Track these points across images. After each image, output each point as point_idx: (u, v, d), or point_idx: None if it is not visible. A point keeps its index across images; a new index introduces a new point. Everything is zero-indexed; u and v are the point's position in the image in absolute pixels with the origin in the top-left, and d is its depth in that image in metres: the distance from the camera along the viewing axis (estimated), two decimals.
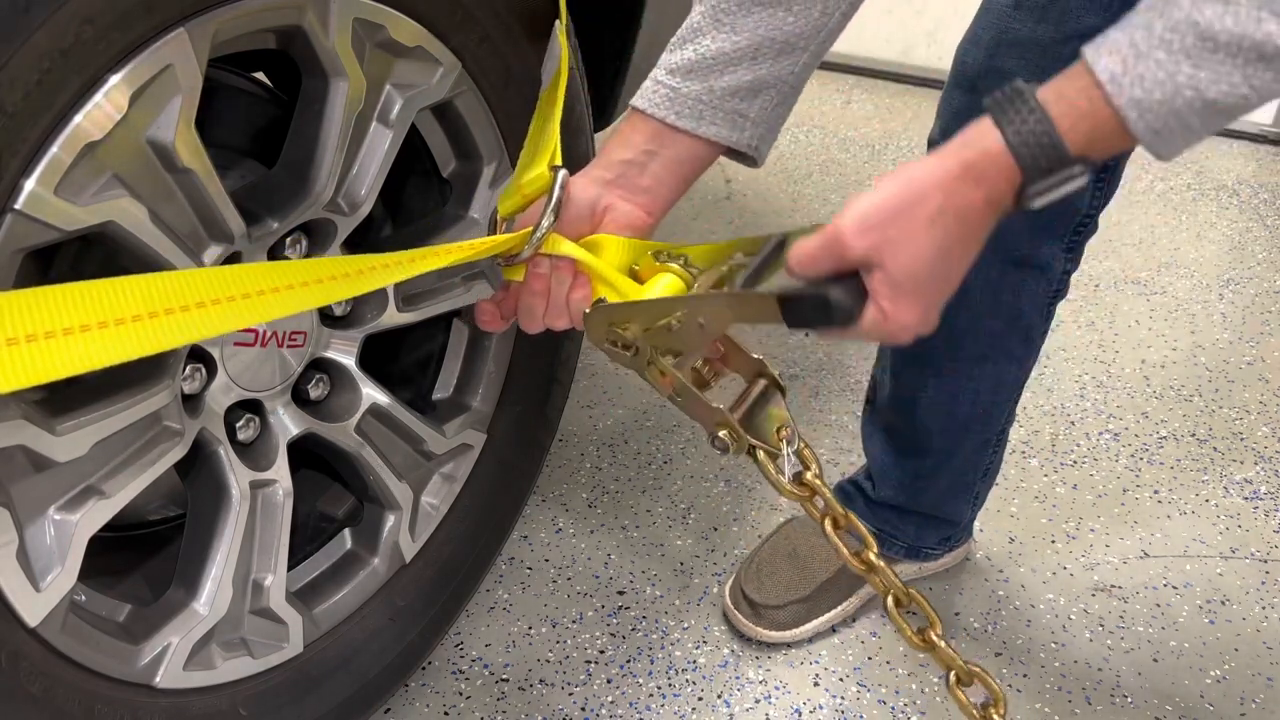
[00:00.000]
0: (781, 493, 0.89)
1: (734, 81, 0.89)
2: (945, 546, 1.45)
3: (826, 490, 0.89)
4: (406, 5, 0.91)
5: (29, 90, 0.68)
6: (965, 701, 0.91)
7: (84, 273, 0.85)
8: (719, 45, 0.88)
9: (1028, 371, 1.29)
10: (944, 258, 0.74)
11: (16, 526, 0.77)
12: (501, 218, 0.94)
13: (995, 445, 1.36)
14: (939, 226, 0.72)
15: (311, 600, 1.07)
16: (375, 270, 0.82)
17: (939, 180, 0.72)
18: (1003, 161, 0.70)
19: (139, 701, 0.90)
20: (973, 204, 0.72)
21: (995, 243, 1.10)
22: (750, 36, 0.88)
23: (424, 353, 1.19)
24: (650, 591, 1.43)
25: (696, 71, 0.89)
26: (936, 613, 0.92)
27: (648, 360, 0.87)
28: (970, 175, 0.72)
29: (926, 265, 0.73)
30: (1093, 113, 0.68)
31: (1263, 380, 1.97)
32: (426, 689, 1.28)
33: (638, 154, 0.91)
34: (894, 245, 0.73)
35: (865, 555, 0.89)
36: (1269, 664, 1.36)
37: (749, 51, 0.88)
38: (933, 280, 0.75)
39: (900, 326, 0.76)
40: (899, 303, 0.75)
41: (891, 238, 0.73)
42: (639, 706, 1.27)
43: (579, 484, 1.63)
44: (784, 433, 0.88)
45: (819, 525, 0.90)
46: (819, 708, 1.27)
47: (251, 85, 0.99)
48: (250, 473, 0.96)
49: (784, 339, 2.02)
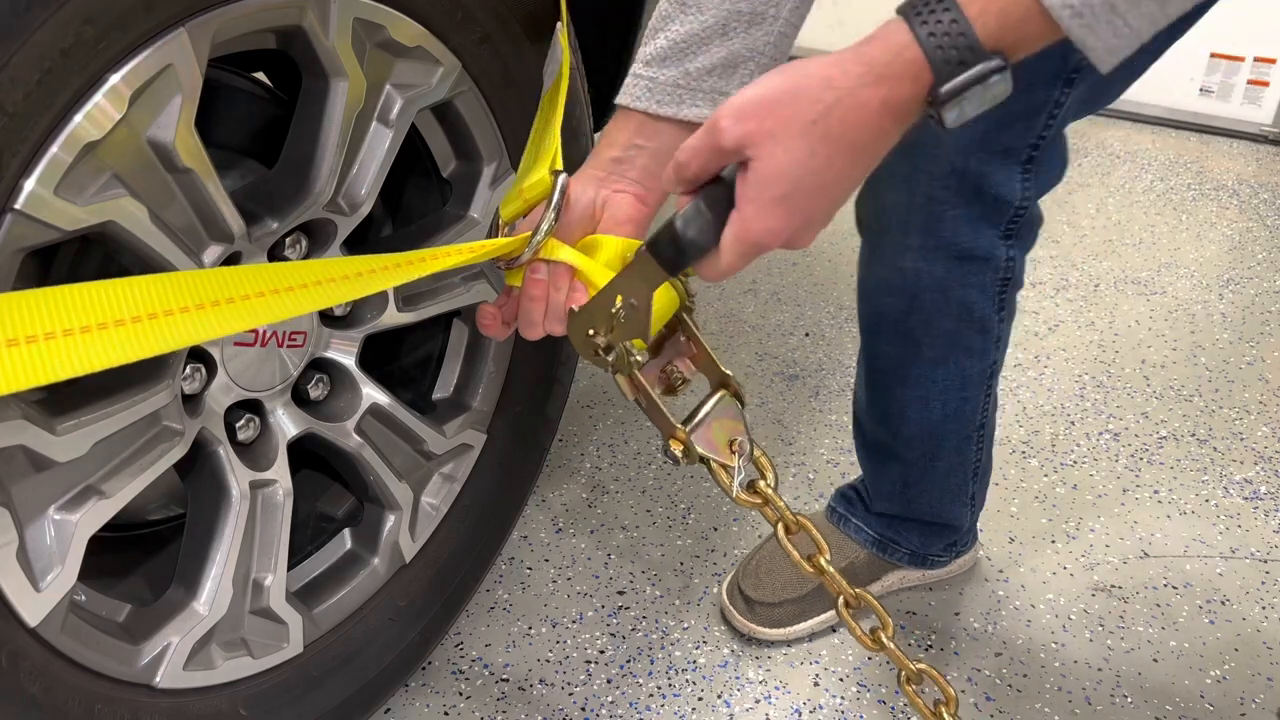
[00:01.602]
0: (735, 501, 0.89)
1: (708, 61, 0.88)
2: (951, 553, 1.43)
3: (778, 499, 0.90)
4: (406, 5, 0.91)
5: (29, 90, 0.68)
6: (915, 698, 0.92)
7: (84, 272, 0.85)
8: (687, 27, 0.87)
9: (993, 362, 1.27)
10: (824, 164, 0.67)
11: (17, 526, 0.77)
12: (504, 223, 0.94)
13: (978, 442, 1.34)
14: (821, 127, 0.66)
15: (311, 600, 1.07)
16: (376, 273, 0.82)
17: (831, 77, 0.65)
18: (908, 54, 0.63)
19: (139, 701, 0.90)
20: (867, 104, 0.65)
21: (935, 241, 1.15)
22: (716, 13, 0.87)
23: (424, 353, 1.19)
24: (650, 591, 1.43)
25: (670, 58, 0.88)
26: (888, 615, 0.92)
27: (620, 361, 0.88)
28: (871, 73, 0.64)
29: (801, 166, 0.67)
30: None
31: (1263, 380, 1.97)
32: (426, 689, 1.28)
33: (625, 149, 0.91)
34: (771, 139, 0.67)
35: (816, 560, 0.90)
36: (1269, 664, 1.36)
37: (717, 28, 0.87)
38: (806, 186, 0.68)
39: (765, 230, 0.70)
40: (764, 206, 0.69)
41: (769, 129, 0.67)
42: (639, 706, 1.27)
43: (579, 484, 1.63)
44: (736, 445, 0.89)
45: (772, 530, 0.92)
46: (819, 708, 1.27)
47: (252, 85, 0.99)
48: (250, 473, 0.96)
49: (783, 338, 2.02)
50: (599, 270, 0.90)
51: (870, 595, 0.91)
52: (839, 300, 2.14)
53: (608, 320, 0.86)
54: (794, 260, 2.28)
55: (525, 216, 0.92)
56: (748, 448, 0.91)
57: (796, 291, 2.17)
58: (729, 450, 0.88)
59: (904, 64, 0.64)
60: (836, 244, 2.35)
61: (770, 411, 1.82)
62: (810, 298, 2.15)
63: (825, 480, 1.65)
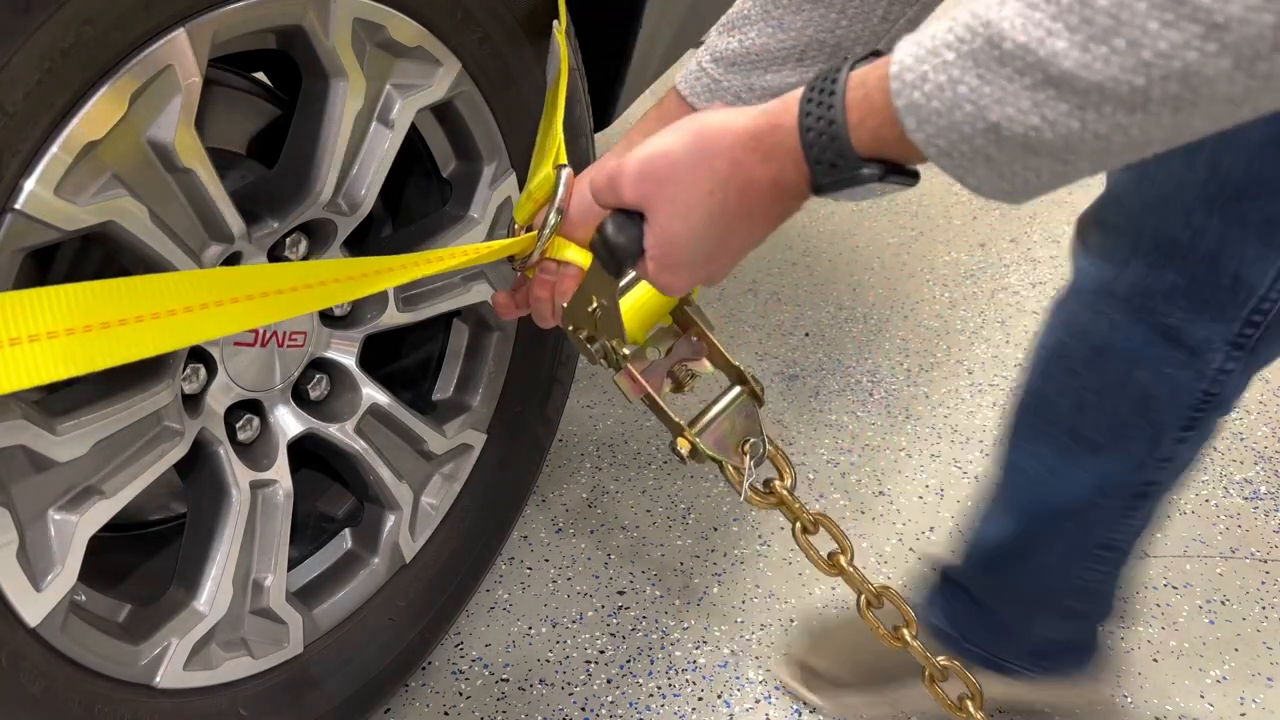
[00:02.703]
0: (746, 500, 0.88)
1: (778, 81, 0.84)
2: (1038, 668, 1.17)
3: (793, 501, 0.88)
4: (406, 5, 0.91)
5: (29, 90, 0.68)
6: (941, 695, 0.92)
7: (84, 272, 0.85)
8: (764, 41, 0.83)
9: (1150, 483, 1.02)
10: (720, 230, 0.67)
11: (17, 526, 0.77)
12: (519, 226, 0.94)
13: (1097, 566, 1.09)
14: (718, 197, 0.65)
15: (311, 600, 1.07)
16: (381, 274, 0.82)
17: (729, 146, 0.64)
18: (789, 143, 0.62)
19: (139, 701, 0.90)
20: (759, 179, 0.64)
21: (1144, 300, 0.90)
22: (798, 36, 0.82)
23: (424, 353, 1.19)
24: (650, 591, 1.43)
25: (740, 64, 0.84)
26: (912, 612, 0.92)
27: (609, 358, 0.87)
28: (761, 148, 0.63)
29: (696, 233, 0.67)
30: (881, 108, 0.56)
31: (1263, 380, 1.97)
32: (426, 689, 1.28)
33: None
34: (669, 204, 0.67)
35: (837, 559, 0.89)
36: (1269, 664, 1.36)
37: (795, 52, 0.83)
38: (702, 250, 0.68)
39: (667, 285, 0.71)
40: (665, 265, 0.70)
41: (669, 194, 0.67)
42: (639, 706, 1.27)
43: (579, 484, 1.63)
44: (748, 446, 0.88)
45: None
46: (819, 707, 1.27)
47: (251, 85, 0.99)
48: (250, 473, 0.96)
49: (783, 338, 2.02)
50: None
51: (896, 594, 0.90)
52: (839, 300, 2.14)
53: (589, 321, 0.85)
54: (794, 260, 2.28)
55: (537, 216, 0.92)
56: (761, 449, 0.88)
57: (796, 291, 2.17)
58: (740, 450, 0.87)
59: (787, 150, 0.62)
60: (836, 244, 2.35)
61: (770, 411, 1.82)
62: (810, 298, 2.15)
63: (825, 480, 1.65)
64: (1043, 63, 0.49)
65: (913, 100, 0.54)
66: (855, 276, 2.23)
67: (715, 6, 1.47)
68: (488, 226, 1.08)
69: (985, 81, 0.51)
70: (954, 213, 2.47)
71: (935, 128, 0.54)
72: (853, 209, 2.48)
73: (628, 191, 0.69)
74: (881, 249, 2.33)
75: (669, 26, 1.27)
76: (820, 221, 2.43)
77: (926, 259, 2.28)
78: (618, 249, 0.72)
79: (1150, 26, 0.46)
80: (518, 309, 0.97)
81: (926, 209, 2.48)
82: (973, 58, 0.51)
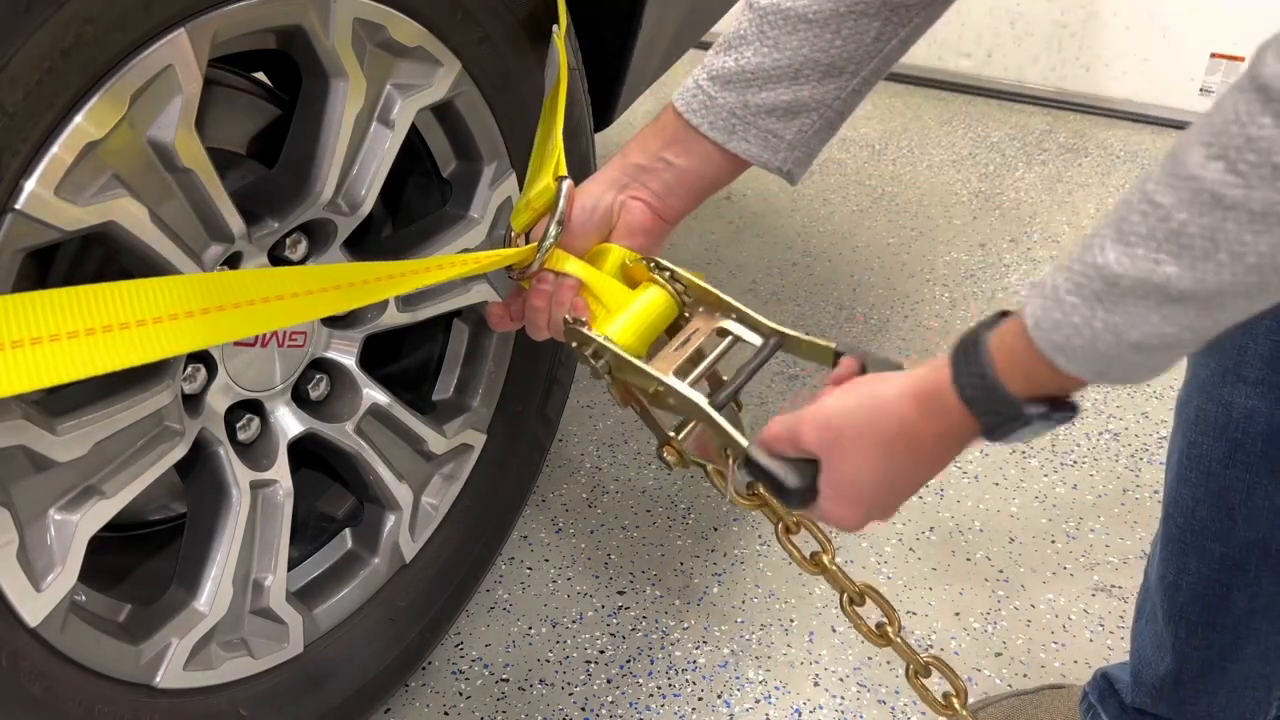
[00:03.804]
0: (733, 502, 0.90)
1: (771, 99, 0.85)
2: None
3: (776, 504, 0.90)
4: (406, 5, 0.91)
5: (29, 90, 0.68)
6: (924, 690, 0.94)
7: (84, 273, 0.85)
8: (759, 60, 0.84)
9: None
10: (891, 475, 0.73)
11: (17, 526, 0.77)
12: (516, 234, 0.94)
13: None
14: (889, 450, 0.72)
15: (311, 600, 1.07)
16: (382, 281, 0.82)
17: (898, 410, 0.71)
18: (951, 401, 0.68)
19: (139, 701, 0.90)
20: (924, 434, 0.70)
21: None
22: (793, 56, 0.83)
23: (424, 353, 1.19)
24: (650, 591, 1.43)
25: (735, 82, 0.85)
26: (895, 610, 0.92)
27: (608, 373, 0.89)
28: (925, 408, 0.70)
29: (869, 479, 0.74)
30: (1027, 356, 0.63)
31: None
32: (426, 689, 1.28)
33: (653, 159, 0.90)
34: (844, 451, 0.74)
35: (819, 558, 0.90)
36: None
37: (790, 70, 0.84)
38: (875, 493, 0.75)
39: (838, 521, 0.78)
40: (838, 502, 0.76)
41: (845, 444, 0.74)
42: (639, 706, 1.27)
43: (579, 484, 1.63)
44: (730, 450, 0.88)
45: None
46: (819, 708, 1.27)
47: (252, 85, 0.99)
48: (250, 473, 0.96)
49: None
50: (603, 283, 0.90)
51: (877, 592, 0.91)
52: (839, 300, 2.14)
53: (618, 364, 0.89)
54: (794, 260, 2.28)
55: (535, 226, 0.93)
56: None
57: (796, 291, 2.17)
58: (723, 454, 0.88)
59: (952, 406, 0.68)
60: (836, 244, 2.35)
61: (770, 411, 1.82)
62: (810, 298, 2.15)
63: None
64: (1160, 288, 0.55)
65: (1055, 343, 0.60)
66: (855, 276, 2.22)
67: (715, 6, 1.47)
68: (488, 227, 1.08)
69: (1113, 313, 0.57)
70: (954, 213, 2.47)
71: (1085, 358, 0.60)
72: (853, 209, 2.48)
73: (807, 440, 0.76)
74: (881, 249, 2.33)
75: (669, 26, 1.27)
76: (820, 221, 2.43)
77: (926, 259, 2.28)
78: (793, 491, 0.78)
79: (1246, 239, 0.52)
80: (512, 321, 0.98)
81: (926, 209, 2.48)
82: (1096, 298, 0.58)
